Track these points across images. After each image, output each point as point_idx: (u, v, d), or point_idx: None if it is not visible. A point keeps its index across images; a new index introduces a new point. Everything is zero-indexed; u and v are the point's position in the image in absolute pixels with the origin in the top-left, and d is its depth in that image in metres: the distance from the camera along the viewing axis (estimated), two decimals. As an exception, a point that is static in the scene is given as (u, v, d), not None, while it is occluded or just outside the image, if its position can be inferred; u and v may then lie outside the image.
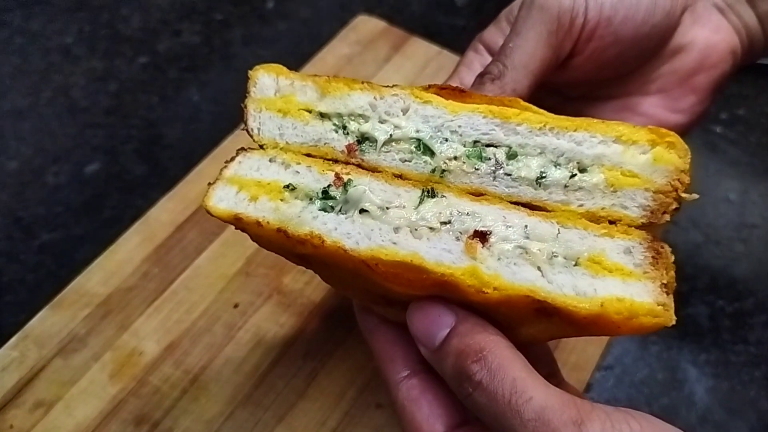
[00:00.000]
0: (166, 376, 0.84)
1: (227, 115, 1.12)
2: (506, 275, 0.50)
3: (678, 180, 0.53)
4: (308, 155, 0.57)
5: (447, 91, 0.57)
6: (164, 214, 0.97)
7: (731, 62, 0.71)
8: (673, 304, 0.50)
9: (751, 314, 0.94)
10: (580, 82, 0.69)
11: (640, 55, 0.68)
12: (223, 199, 0.56)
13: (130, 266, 0.92)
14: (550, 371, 0.63)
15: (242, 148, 0.58)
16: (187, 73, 1.20)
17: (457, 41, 1.23)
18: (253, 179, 0.56)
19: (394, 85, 0.57)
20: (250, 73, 0.59)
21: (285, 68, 0.59)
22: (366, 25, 1.18)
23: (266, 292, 0.90)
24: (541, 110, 0.56)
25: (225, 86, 1.19)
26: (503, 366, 0.48)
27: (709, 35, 0.69)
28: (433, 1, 1.32)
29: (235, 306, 0.89)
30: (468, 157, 0.55)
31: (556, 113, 0.56)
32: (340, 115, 0.57)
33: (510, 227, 0.52)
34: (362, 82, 0.58)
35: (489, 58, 0.67)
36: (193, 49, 1.24)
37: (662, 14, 0.66)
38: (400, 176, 0.56)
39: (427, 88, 0.57)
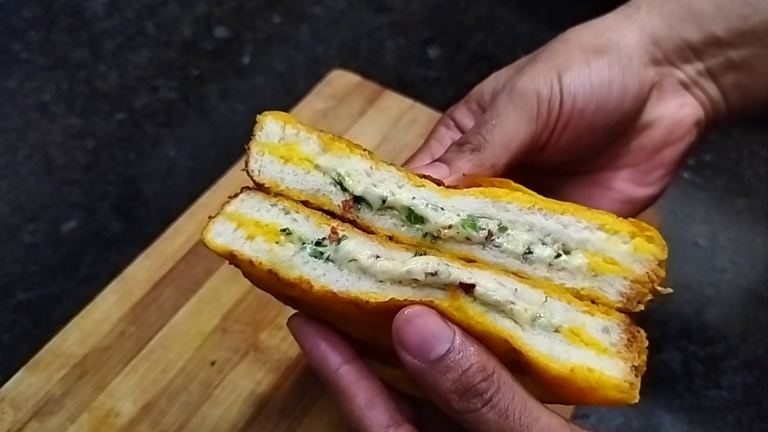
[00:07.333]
0: (142, 437, 0.84)
1: (204, 170, 1.13)
2: (490, 318, 0.52)
3: (654, 272, 0.55)
4: (306, 202, 0.58)
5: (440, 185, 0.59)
6: (141, 272, 0.97)
7: (696, 133, 0.72)
8: (639, 385, 0.52)
9: (723, 359, 0.96)
10: (552, 164, 0.71)
11: (611, 137, 0.70)
12: (221, 234, 0.57)
13: (107, 325, 0.92)
14: None
15: (246, 187, 0.60)
16: (163, 128, 1.22)
17: (430, 93, 1.26)
18: (252, 219, 0.57)
19: (391, 164, 0.59)
20: (259, 117, 0.60)
21: (293, 117, 0.61)
22: (341, 80, 1.20)
23: (243, 349, 0.90)
24: (531, 192, 0.58)
25: (201, 141, 1.20)
26: (513, 386, 0.51)
27: (675, 110, 0.71)
28: (407, 53, 1.35)
29: (212, 364, 0.89)
30: (463, 226, 0.56)
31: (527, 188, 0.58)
32: (338, 173, 0.58)
33: (501, 285, 0.54)
34: (364, 149, 0.59)
35: (460, 135, 0.68)
36: (170, 104, 1.26)
37: (632, 98, 0.68)
38: (391, 237, 0.57)
39: (421, 177, 0.59)
